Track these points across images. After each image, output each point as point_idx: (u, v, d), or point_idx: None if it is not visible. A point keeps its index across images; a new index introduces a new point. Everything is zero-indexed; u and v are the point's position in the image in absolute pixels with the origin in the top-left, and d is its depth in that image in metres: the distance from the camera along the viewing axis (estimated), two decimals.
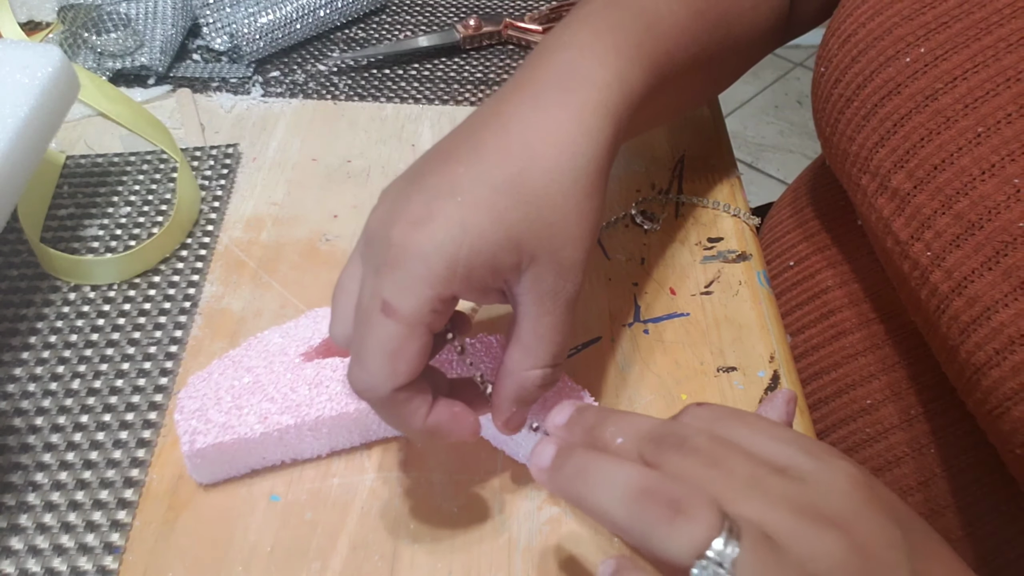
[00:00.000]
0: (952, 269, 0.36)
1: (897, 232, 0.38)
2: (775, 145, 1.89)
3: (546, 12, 0.62)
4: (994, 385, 0.34)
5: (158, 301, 0.42)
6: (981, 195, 0.35)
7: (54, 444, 0.36)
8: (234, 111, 0.55)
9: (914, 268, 0.38)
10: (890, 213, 0.39)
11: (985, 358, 0.34)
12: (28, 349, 0.40)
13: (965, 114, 0.36)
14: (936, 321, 0.37)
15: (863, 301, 0.46)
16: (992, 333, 0.34)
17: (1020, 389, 0.33)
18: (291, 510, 0.35)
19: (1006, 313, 0.33)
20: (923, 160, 0.37)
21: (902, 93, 0.38)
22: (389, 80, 0.58)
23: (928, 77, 0.38)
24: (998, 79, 0.35)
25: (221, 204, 0.48)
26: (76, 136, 0.52)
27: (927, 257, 0.37)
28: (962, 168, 0.35)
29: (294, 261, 0.45)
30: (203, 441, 0.34)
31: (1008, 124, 0.35)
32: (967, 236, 0.35)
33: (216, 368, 0.36)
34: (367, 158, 0.51)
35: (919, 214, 0.37)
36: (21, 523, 0.34)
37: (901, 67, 0.39)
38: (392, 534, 0.34)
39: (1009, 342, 0.33)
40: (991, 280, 0.34)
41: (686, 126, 0.54)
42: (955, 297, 0.35)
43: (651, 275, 0.45)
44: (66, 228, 0.46)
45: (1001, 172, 0.34)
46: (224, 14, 0.58)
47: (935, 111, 0.37)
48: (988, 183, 0.35)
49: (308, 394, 0.35)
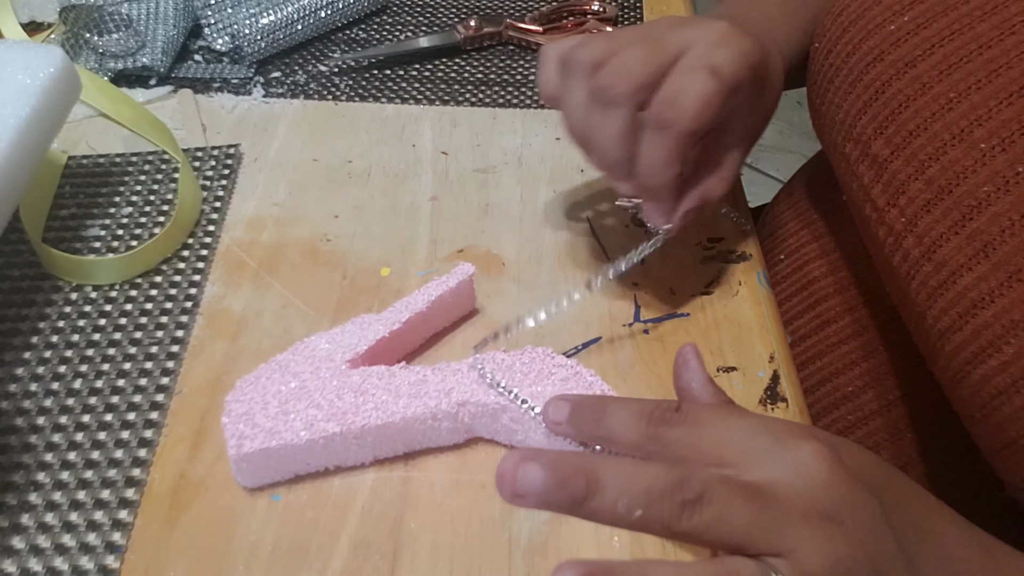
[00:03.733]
0: (923, 234, 0.36)
1: (875, 199, 0.39)
2: (775, 145, 1.89)
3: (546, 12, 0.63)
4: (956, 350, 0.35)
5: (160, 301, 0.43)
6: (951, 160, 0.35)
7: (56, 443, 0.37)
8: (235, 112, 0.55)
9: (889, 234, 0.38)
10: (869, 180, 0.39)
11: (949, 322, 0.35)
12: (30, 349, 0.40)
13: (940, 80, 0.37)
14: (907, 287, 0.38)
15: (850, 287, 0.47)
16: (956, 297, 0.35)
17: (979, 352, 0.34)
18: (292, 509, 0.35)
19: (969, 277, 0.34)
20: (900, 126, 0.38)
21: (884, 60, 0.39)
22: (390, 81, 0.58)
23: (909, 45, 0.39)
24: (971, 46, 0.36)
25: (222, 204, 0.48)
26: (78, 136, 0.52)
27: (901, 223, 0.37)
28: (935, 133, 0.36)
29: (295, 261, 0.45)
30: (250, 446, 0.34)
31: (978, 90, 0.35)
32: (937, 201, 0.36)
33: (263, 372, 0.37)
34: (368, 158, 0.52)
35: (895, 180, 0.38)
36: (23, 522, 0.34)
37: (886, 35, 0.40)
38: (392, 534, 0.34)
39: (971, 306, 0.34)
40: (957, 244, 0.35)
41: None
42: (925, 262, 0.36)
43: (651, 275, 0.45)
44: (68, 228, 0.46)
45: (969, 137, 0.35)
46: (225, 15, 0.58)
47: (913, 77, 0.38)
48: (957, 148, 0.35)
49: (354, 402, 0.35)
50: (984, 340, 0.33)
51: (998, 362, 0.33)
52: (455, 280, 0.40)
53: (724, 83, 0.35)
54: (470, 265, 0.40)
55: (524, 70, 0.59)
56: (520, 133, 0.53)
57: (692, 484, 0.26)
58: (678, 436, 0.29)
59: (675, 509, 0.26)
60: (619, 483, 0.27)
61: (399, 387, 0.36)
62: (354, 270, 0.45)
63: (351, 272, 0.45)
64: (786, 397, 0.39)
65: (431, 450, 0.37)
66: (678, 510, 0.26)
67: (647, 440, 0.30)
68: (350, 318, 0.40)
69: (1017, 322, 0.32)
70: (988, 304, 0.33)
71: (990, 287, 0.33)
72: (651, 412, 0.31)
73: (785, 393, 0.39)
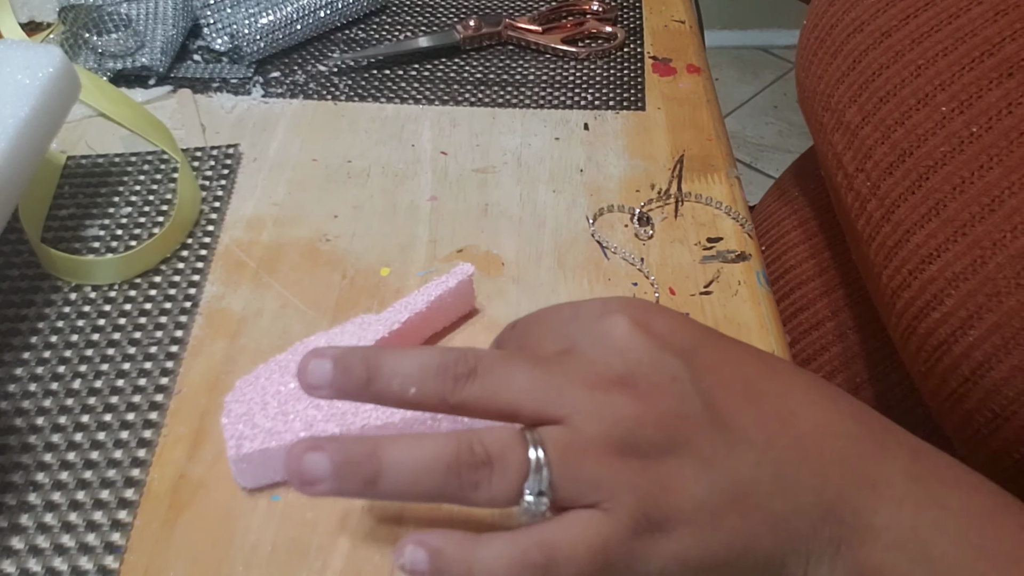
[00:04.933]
0: (884, 196, 0.37)
1: (846, 165, 0.40)
2: (774, 146, 1.89)
3: (545, 12, 0.63)
4: (905, 305, 0.36)
5: (159, 301, 0.43)
6: (914, 124, 0.36)
7: (55, 444, 0.37)
8: (235, 111, 0.55)
9: (856, 199, 0.39)
10: (842, 148, 0.40)
11: (900, 280, 0.36)
12: (29, 349, 0.40)
13: (911, 48, 0.38)
14: (867, 251, 0.38)
15: (829, 269, 0.48)
16: (908, 255, 0.35)
17: (925, 306, 0.34)
18: (292, 510, 0.35)
19: (920, 235, 0.35)
20: (872, 93, 0.39)
21: (864, 31, 0.40)
22: (389, 80, 0.58)
23: (887, 15, 0.40)
24: (943, 15, 0.37)
25: (222, 204, 0.48)
26: (77, 136, 0.52)
27: (867, 187, 0.38)
28: (902, 99, 0.37)
29: (295, 261, 0.45)
30: (249, 446, 0.34)
31: (944, 56, 0.37)
32: (899, 163, 0.37)
33: (262, 372, 0.36)
34: (367, 158, 0.52)
35: (863, 145, 0.39)
36: (22, 523, 0.34)
37: (867, 6, 0.41)
38: (393, 534, 0.34)
39: (920, 262, 0.35)
40: (912, 204, 0.35)
41: (686, 126, 0.54)
42: (884, 223, 0.37)
43: (651, 275, 0.45)
44: (67, 228, 0.46)
45: (932, 101, 0.36)
46: (225, 15, 0.58)
47: (888, 47, 0.39)
48: (921, 112, 0.36)
49: (353, 402, 0.35)
50: (929, 294, 0.34)
51: (940, 314, 0.34)
52: (455, 280, 0.40)
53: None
54: (470, 265, 0.40)
55: (523, 70, 0.59)
56: (519, 133, 0.53)
57: (467, 359, 0.27)
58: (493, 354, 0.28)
59: (448, 383, 0.27)
60: (392, 364, 0.28)
61: None
62: (353, 270, 0.45)
63: (350, 272, 0.44)
64: None
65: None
66: (451, 383, 0.27)
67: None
68: (349, 318, 0.40)
69: (958, 274, 0.33)
70: (935, 259, 0.34)
71: (938, 243, 0.34)
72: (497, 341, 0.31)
73: None
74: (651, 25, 0.64)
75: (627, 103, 0.56)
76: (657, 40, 0.62)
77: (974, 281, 0.32)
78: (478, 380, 0.27)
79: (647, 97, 0.56)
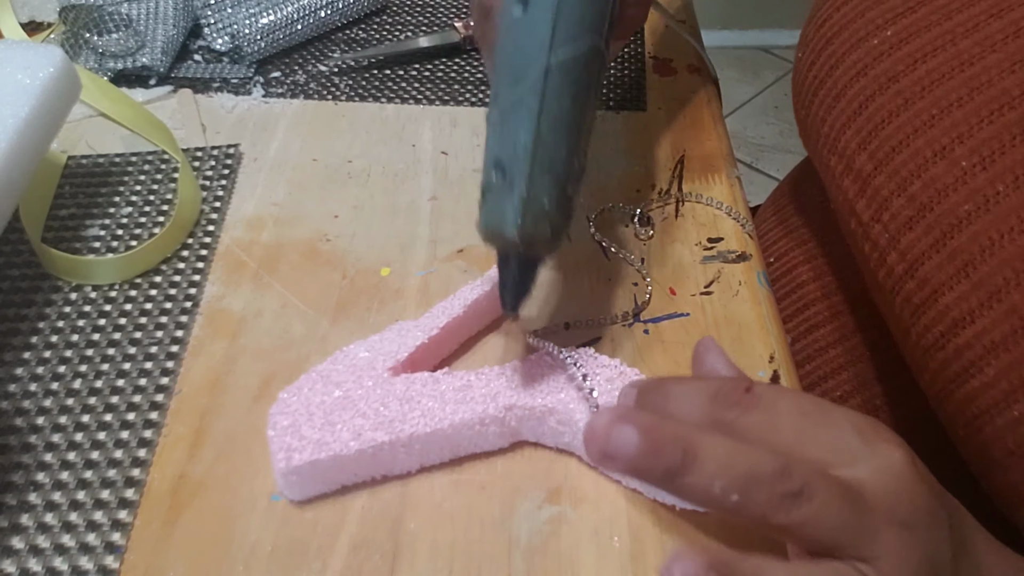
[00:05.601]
0: (905, 251, 0.36)
1: (860, 213, 0.39)
2: (775, 146, 1.89)
3: None
4: (940, 367, 0.35)
5: (159, 301, 0.43)
6: (932, 177, 0.35)
7: (55, 444, 0.37)
8: (235, 111, 0.55)
9: (873, 249, 0.38)
10: (854, 194, 0.39)
11: (932, 340, 0.35)
12: (30, 349, 0.40)
13: (922, 96, 0.37)
14: (892, 302, 0.37)
15: (835, 293, 0.47)
16: (938, 316, 0.34)
17: (962, 372, 0.33)
18: (291, 510, 0.35)
19: (950, 296, 0.34)
20: (883, 141, 0.38)
21: (868, 75, 0.39)
22: (390, 80, 0.58)
23: (892, 59, 0.38)
24: (953, 62, 0.36)
25: (222, 204, 0.48)
26: (77, 136, 0.52)
27: (885, 238, 0.37)
28: (917, 150, 0.36)
29: (295, 261, 0.45)
30: (299, 458, 0.33)
31: (959, 107, 0.35)
32: (919, 218, 0.35)
33: (305, 383, 0.36)
34: (368, 158, 0.52)
35: (878, 195, 0.38)
36: (22, 522, 0.34)
37: (869, 49, 0.40)
38: (392, 534, 0.34)
39: (952, 325, 0.34)
40: (938, 262, 0.34)
41: (686, 126, 0.54)
42: (908, 279, 0.36)
43: (651, 275, 0.45)
44: (67, 228, 0.46)
45: (951, 154, 0.35)
46: (225, 15, 0.58)
47: (896, 92, 0.38)
48: (939, 165, 0.35)
49: (400, 410, 0.35)
50: (966, 360, 0.33)
51: (979, 383, 0.33)
52: (489, 283, 0.40)
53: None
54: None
55: None
56: None
57: (794, 475, 0.25)
58: (754, 422, 0.27)
59: (775, 500, 0.25)
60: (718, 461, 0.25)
61: (444, 393, 0.36)
62: (354, 270, 0.45)
63: (351, 272, 0.44)
64: None
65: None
66: (777, 501, 0.25)
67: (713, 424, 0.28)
68: (350, 318, 0.40)
69: (997, 343, 0.32)
70: (969, 324, 0.33)
71: (970, 306, 0.33)
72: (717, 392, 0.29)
73: None
74: (652, 25, 0.64)
75: (628, 103, 0.56)
76: (658, 41, 0.62)
77: (1016, 352, 0.31)
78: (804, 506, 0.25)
79: (648, 97, 0.56)
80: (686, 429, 0.26)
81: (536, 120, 0.29)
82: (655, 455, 0.25)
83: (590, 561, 0.33)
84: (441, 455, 0.36)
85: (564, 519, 0.35)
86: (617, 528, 0.34)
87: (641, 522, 0.34)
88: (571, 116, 0.30)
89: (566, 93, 0.29)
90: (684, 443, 0.25)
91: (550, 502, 0.35)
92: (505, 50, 0.29)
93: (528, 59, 0.29)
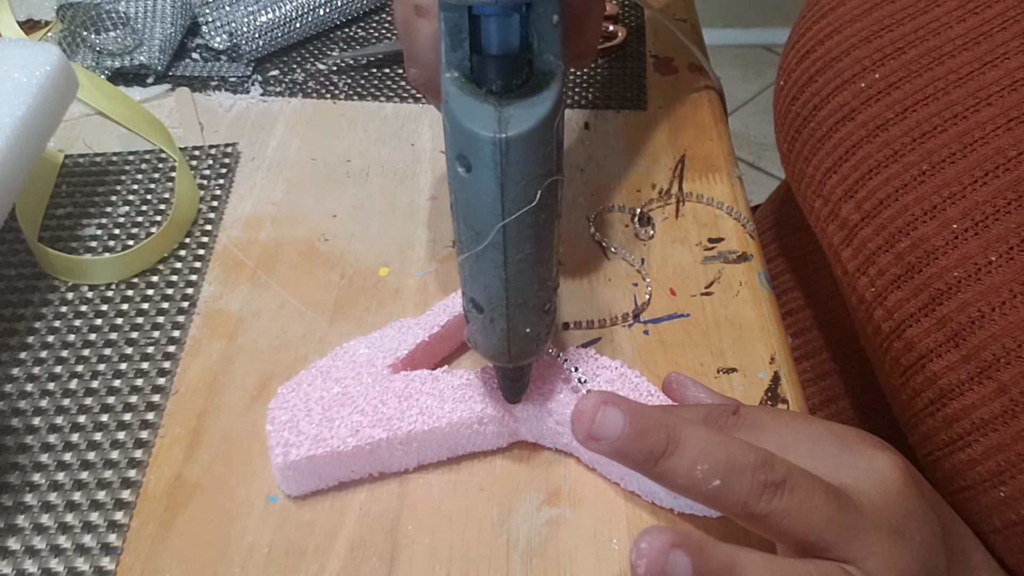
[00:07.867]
0: (893, 310, 0.35)
1: (845, 263, 0.38)
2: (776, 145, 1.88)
3: None
4: (929, 433, 0.34)
5: (156, 301, 0.42)
6: (921, 236, 0.34)
7: (51, 444, 0.36)
8: (233, 110, 0.55)
9: (860, 302, 0.37)
10: (839, 242, 0.38)
11: (921, 406, 0.34)
12: (26, 349, 0.40)
13: (912, 148, 0.35)
14: (882, 359, 0.37)
15: (818, 303, 0.47)
16: (926, 382, 0.34)
17: (951, 443, 0.33)
18: (288, 511, 0.35)
19: (939, 364, 0.33)
20: (871, 192, 0.36)
21: (855, 119, 0.38)
22: (389, 79, 0.57)
23: (880, 105, 0.37)
24: (945, 114, 0.34)
25: (220, 203, 0.48)
26: (74, 135, 0.52)
27: (871, 293, 0.36)
28: (905, 206, 0.35)
29: (293, 261, 0.45)
30: (296, 454, 0.33)
31: (951, 164, 0.34)
32: (907, 278, 0.34)
33: (304, 379, 0.36)
34: (366, 157, 0.51)
35: (865, 248, 0.36)
36: (18, 524, 0.34)
37: (856, 92, 0.38)
38: (390, 534, 0.34)
39: (941, 395, 0.33)
40: (927, 327, 0.33)
41: (687, 125, 0.54)
42: (895, 339, 0.35)
43: (651, 275, 0.44)
44: (64, 227, 0.46)
45: (941, 215, 0.33)
46: (223, 13, 0.58)
47: (884, 142, 0.36)
48: (929, 225, 0.34)
49: (398, 407, 0.35)
50: (955, 432, 0.32)
51: (968, 457, 0.32)
52: None
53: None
54: None
55: None
56: None
57: (776, 466, 0.25)
58: (741, 436, 0.28)
59: (756, 487, 0.25)
60: (701, 447, 0.25)
61: (443, 391, 0.35)
62: (352, 270, 0.44)
63: (349, 272, 0.44)
64: (787, 399, 0.39)
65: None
66: (759, 489, 0.25)
67: None
68: (348, 318, 0.39)
69: (986, 420, 0.31)
70: (958, 395, 0.32)
71: (960, 378, 0.32)
72: (705, 417, 0.29)
73: (786, 395, 0.39)
74: (652, 24, 0.63)
75: (628, 102, 0.56)
76: (659, 39, 0.62)
77: (1005, 433, 0.30)
78: (786, 496, 0.25)
79: (648, 96, 0.56)
80: (671, 417, 0.26)
81: (503, 270, 0.29)
82: (639, 438, 0.26)
83: (589, 563, 0.33)
84: (439, 453, 0.36)
85: (563, 521, 0.34)
86: (616, 530, 0.34)
87: (640, 525, 0.34)
88: (536, 254, 0.29)
89: (527, 239, 0.28)
90: (669, 428, 0.26)
91: (549, 504, 0.35)
92: (459, 206, 0.29)
93: (482, 219, 0.28)
